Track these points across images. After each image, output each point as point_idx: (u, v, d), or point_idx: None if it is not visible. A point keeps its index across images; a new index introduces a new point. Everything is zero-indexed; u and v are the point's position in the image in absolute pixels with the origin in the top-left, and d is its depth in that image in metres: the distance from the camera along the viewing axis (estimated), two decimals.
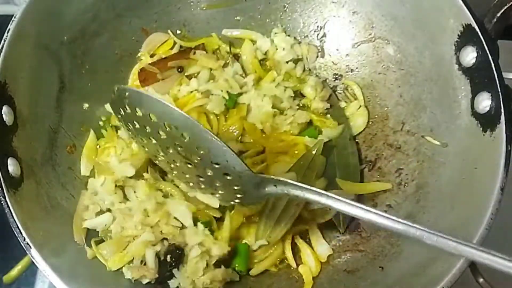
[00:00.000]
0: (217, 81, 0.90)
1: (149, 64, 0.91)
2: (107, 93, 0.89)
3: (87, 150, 0.84)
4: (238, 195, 0.69)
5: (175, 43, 0.95)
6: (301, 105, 0.92)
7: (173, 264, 0.74)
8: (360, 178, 0.87)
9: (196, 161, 0.66)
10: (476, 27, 0.69)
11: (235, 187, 0.67)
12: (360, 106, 0.92)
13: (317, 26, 0.96)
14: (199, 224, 0.76)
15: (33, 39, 0.76)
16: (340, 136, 0.89)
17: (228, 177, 0.65)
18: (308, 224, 0.82)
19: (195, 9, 0.97)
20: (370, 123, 0.91)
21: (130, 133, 0.72)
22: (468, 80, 0.73)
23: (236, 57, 0.96)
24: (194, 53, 0.92)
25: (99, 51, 0.89)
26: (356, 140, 0.91)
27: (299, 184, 0.63)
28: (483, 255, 0.51)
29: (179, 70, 0.92)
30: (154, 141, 0.68)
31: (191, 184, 0.74)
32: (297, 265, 0.81)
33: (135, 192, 0.79)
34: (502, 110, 0.66)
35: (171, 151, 0.67)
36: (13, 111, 0.71)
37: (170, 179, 0.82)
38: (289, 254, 0.81)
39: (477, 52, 0.70)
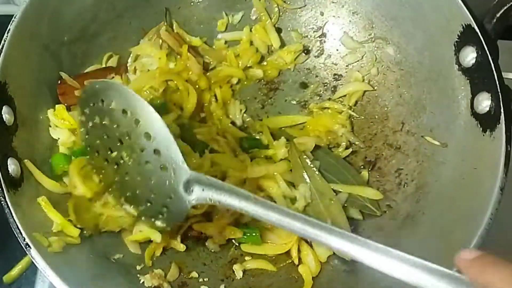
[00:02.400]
0: None
1: (72, 77, 0.85)
2: None
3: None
4: (167, 204, 0.69)
5: None
6: None
7: None
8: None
9: (140, 151, 0.67)
10: (476, 27, 0.69)
11: (167, 187, 0.67)
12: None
13: (317, 26, 0.96)
14: None
15: (33, 39, 0.76)
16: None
17: (165, 172, 0.66)
18: None
19: (195, 10, 0.97)
20: (371, 123, 0.91)
21: (86, 136, 0.73)
22: (468, 80, 0.73)
23: None
24: (113, 77, 0.87)
25: (99, 51, 0.89)
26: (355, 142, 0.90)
27: (235, 189, 0.61)
28: None
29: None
30: (105, 136, 0.70)
31: (127, 194, 0.73)
32: (297, 265, 0.81)
33: None
34: (502, 111, 0.66)
35: (118, 145, 0.69)
36: (13, 111, 0.71)
37: None
38: (294, 251, 0.81)
39: (476, 53, 0.70)
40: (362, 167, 0.88)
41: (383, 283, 0.73)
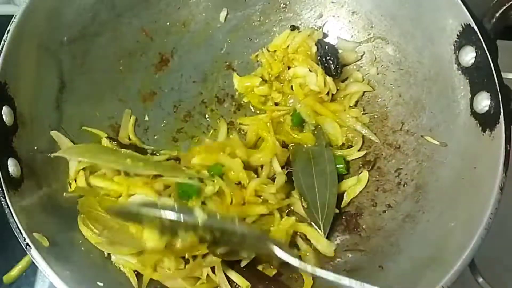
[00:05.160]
0: None
1: None
2: (107, 93, 0.90)
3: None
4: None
5: None
6: None
7: None
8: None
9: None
10: (475, 27, 0.70)
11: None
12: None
13: (317, 26, 0.96)
14: None
15: (33, 39, 0.76)
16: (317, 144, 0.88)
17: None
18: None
19: (195, 10, 0.97)
20: (370, 123, 0.91)
21: None
22: (467, 80, 0.73)
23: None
24: None
25: (99, 51, 0.89)
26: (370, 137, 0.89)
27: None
28: None
29: None
30: None
31: None
32: None
33: None
34: (501, 110, 0.66)
35: None
36: (13, 111, 0.71)
37: None
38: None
39: (476, 52, 0.70)
40: (361, 166, 0.88)
41: (382, 282, 0.74)
